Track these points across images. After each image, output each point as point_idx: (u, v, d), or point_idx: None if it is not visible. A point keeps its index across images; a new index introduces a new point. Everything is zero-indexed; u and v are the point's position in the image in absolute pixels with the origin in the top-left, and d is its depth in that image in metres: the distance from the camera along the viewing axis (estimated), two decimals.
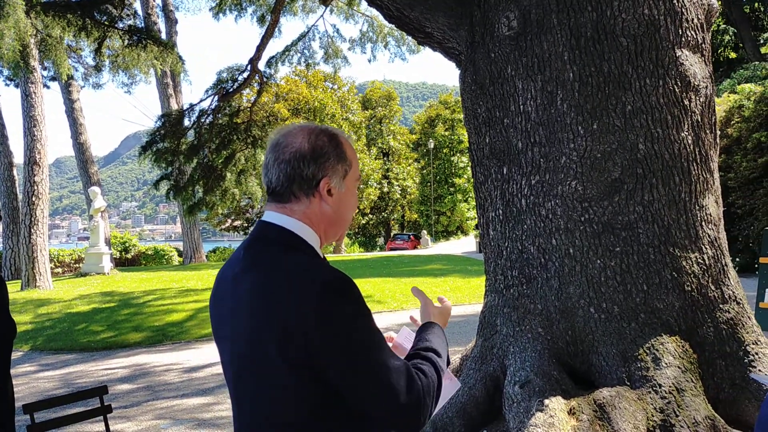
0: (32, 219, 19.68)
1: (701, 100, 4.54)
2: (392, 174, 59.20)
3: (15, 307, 14.37)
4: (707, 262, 4.43)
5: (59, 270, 27.52)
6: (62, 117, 28.85)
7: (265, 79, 14.77)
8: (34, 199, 19.81)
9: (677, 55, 4.44)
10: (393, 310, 12.95)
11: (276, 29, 13.88)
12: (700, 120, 4.52)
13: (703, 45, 4.64)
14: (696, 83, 4.50)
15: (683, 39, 4.49)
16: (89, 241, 23.40)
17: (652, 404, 3.95)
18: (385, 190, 57.83)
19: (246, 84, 14.02)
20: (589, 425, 3.85)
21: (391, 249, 47.36)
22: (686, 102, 4.45)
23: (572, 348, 4.48)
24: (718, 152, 4.78)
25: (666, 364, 4.09)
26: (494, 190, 4.98)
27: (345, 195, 1.68)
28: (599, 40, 4.43)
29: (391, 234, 59.49)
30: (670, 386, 4.00)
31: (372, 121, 60.83)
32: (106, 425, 3.92)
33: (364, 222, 57.83)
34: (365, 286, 16.53)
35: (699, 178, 4.48)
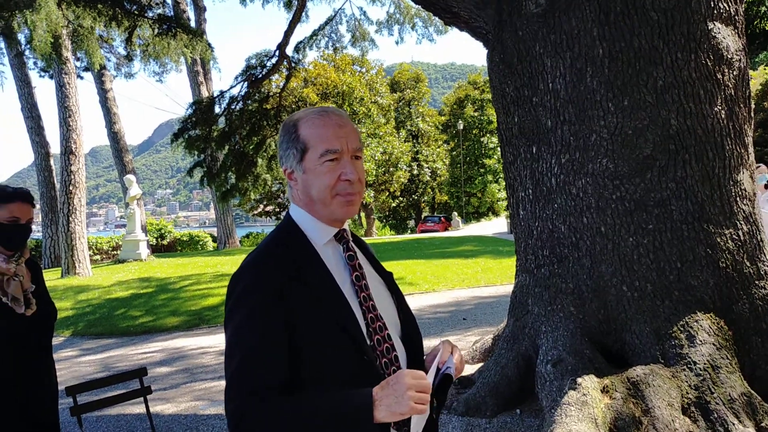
0: (70, 208, 20.05)
1: (734, 73, 4.45)
2: (422, 156, 59.00)
3: (56, 293, 14.71)
4: (742, 238, 4.37)
5: (98, 257, 28.06)
6: (96, 107, 29.32)
7: (293, 65, 14.79)
8: (71, 188, 20.17)
9: (709, 28, 4.36)
10: (425, 292, 12.98)
11: (303, 14, 13.87)
12: (733, 94, 4.44)
13: (736, 17, 4.55)
14: (729, 56, 4.42)
15: (715, 11, 4.40)
16: (126, 229, 23.79)
17: (686, 382, 3.93)
18: (415, 172, 57.67)
19: (274, 70, 14.07)
20: (622, 403, 3.84)
21: (422, 231, 47.33)
22: (719, 76, 4.38)
23: (605, 326, 4.46)
24: (753, 126, 4.69)
25: (701, 341, 4.06)
26: (524, 169, 4.96)
27: (308, 177, 1.68)
28: (629, 14, 4.36)
29: (422, 216, 59.46)
30: (705, 363, 3.97)
31: (401, 103, 60.58)
32: (146, 406, 4.03)
33: (394, 205, 57.80)
34: (397, 268, 16.57)
35: (733, 153, 4.41)
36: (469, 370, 5.94)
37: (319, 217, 1.70)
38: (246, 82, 13.51)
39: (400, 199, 58.10)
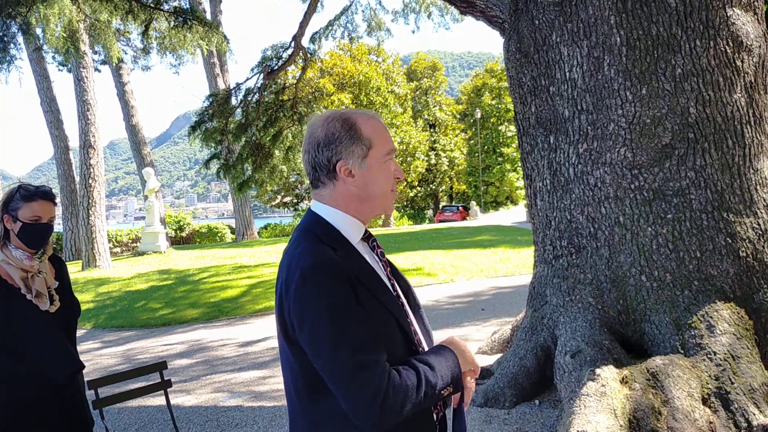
0: (90, 201, 20.25)
1: (754, 60, 4.39)
2: (439, 145, 58.77)
3: (77, 286, 14.88)
4: (763, 227, 4.33)
5: (117, 250, 28.34)
6: (113, 100, 29.56)
7: (309, 55, 14.79)
8: (90, 181, 20.37)
9: (728, 14, 4.30)
10: (443, 283, 12.98)
11: (318, 4, 13.85)
12: (753, 81, 4.38)
13: (755, 3, 4.48)
14: (748, 43, 4.36)
15: None
16: (145, 221, 24.06)
17: (706, 372, 3.90)
18: (433, 161, 57.48)
19: (290, 61, 14.06)
20: (642, 394, 3.83)
21: (440, 221, 47.22)
22: (738, 63, 4.32)
23: (624, 317, 4.44)
24: None
25: (721, 331, 4.03)
26: (541, 159, 4.93)
27: (371, 173, 1.68)
28: (647, 2, 4.32)
29: (440, 206, 59.29)
30: (725, 353, 3.94)
31: (417, 92, 60.41)
32: (167, 399, 4.07)
33: (412, 195, 57.71)
34: (415, 258, 16.59)
35: (753, 141, 4.36)
36: (488, 360, 5.95)
37: (363, 214, 1.72)
38: (262, 74, 13.54)
39: (418, 188, 57.99)
